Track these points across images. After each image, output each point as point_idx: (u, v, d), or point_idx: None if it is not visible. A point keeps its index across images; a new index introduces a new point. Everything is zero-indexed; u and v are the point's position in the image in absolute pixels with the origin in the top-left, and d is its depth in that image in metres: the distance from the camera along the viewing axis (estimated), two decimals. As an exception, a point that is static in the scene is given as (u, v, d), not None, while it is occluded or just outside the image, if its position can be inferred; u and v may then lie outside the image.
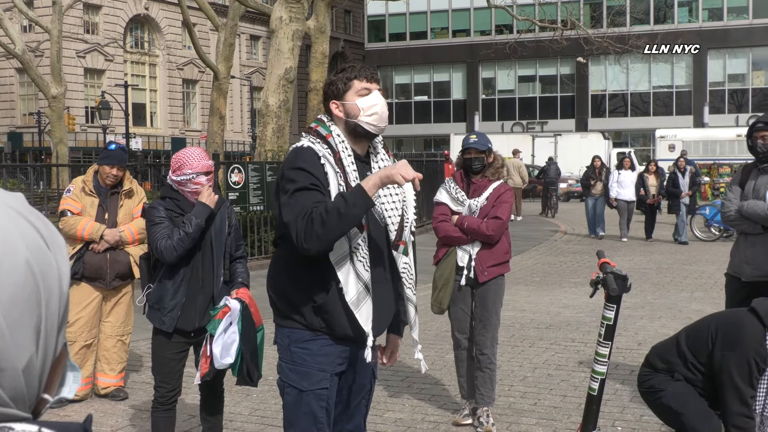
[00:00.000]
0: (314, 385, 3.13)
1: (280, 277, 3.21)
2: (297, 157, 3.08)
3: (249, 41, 54.29)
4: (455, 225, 5.34)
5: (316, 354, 3.11)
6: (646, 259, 14.38)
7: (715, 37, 45.68)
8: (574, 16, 31.85)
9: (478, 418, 5.42)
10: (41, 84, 25.16)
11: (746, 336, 3.63)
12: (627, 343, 7.76)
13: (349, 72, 3.17)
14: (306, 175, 3.00)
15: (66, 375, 0.98)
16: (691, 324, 4.15)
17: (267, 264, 13.63)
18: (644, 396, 4.28)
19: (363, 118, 3.12)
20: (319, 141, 3.11)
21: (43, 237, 0.92)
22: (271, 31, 16.52)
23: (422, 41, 52.08)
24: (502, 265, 5.40)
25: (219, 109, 20.84)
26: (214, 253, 4.50)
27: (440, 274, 5.41)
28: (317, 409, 3.14)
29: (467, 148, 5.37)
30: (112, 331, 6.22)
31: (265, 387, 6.50)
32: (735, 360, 3.64)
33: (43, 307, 0.90)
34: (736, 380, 3.62)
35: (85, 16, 44.21)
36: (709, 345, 3.82)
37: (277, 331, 3.24)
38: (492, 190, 5.36)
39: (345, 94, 3.14)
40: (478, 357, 5.45)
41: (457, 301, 5.43)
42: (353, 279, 3.04)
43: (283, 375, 3.21)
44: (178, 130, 49.45)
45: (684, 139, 37.97)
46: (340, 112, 3.15)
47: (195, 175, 4.43)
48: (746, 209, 5.37)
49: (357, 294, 3.03)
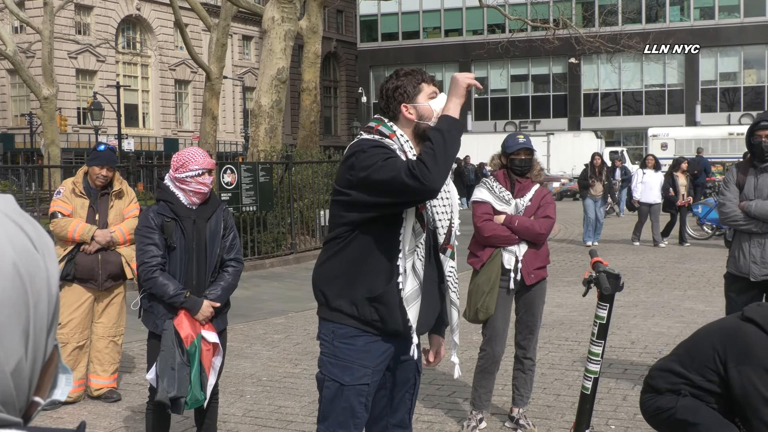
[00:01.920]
0: (356, 380, 3.16)
1: (335, 269, 3.20)
2: (371, 143, 3.10)
3: (241, 41, 54.20)
4: (503, 224, 5.18)
5: (360, 350, 3.16)
6: (639, 258, 14.41)
7: (707, 35, 45.80)
8: (566, 16, 31.88)
9: (516, 421, 5.39)
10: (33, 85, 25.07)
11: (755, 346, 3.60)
12: (620, 341, 7.77)
13: (416, 75, 3.20)
14: (387, 150, 3.05)
15: (58, 377, 0.98)
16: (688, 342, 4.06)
17: (260, 264, 13.57)
18: (652, 420, 4.09)
19: (436, 120, 3.13)
20: (384, 139, 3.14)
21: (31, 239, 0.91)
22: (264, 31, 16.50)
23: (415, 41, 52.10)
24: (544, 268, 5.34)
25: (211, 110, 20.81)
26: (207, 255, 4.49)
27: (486, 277, 5.18)
28: (356, 404, 3.18)
29: (518, 149, 5.24)
30: (104, 332, 6.20)
31: (258, 388, 6.50)
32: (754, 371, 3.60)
33: (32, 310, 0.89)
34: (763, 392, 3.57)
35: (76, 16, 44.09)
36: (718, 364, 3.75)
37: (322, 326, 3.27)
38: (535, 191, 5.29)
39: (416, 97, 3.17)
40: (522, 360, 5.41)
41: (499, 309, 5.23)
42: (411, 275, 3.11)
43: (324, 369, 3.23)
44: (170, 131, 49.34)
45: (676, 138, 38.11)
46: (411, 114, 3.16)
47: (201, 171, 4.41)
48: (756, 210, 5.36)
49: (412, 290, 3.11)
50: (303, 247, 15.07)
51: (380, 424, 3.40)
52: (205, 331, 4.41)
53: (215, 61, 20.91)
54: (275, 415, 5.82)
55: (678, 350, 4.07)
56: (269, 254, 14.26)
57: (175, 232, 4.38)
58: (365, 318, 3.13)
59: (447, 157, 2.91)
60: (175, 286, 4.31)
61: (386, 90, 3.22)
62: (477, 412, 5.39)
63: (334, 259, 3.20)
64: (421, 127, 3.15)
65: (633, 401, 5.86)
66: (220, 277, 4.55)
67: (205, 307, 4.38)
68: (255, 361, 7.36)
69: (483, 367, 5.37)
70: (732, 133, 35.69)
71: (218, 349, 4.51)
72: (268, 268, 13.73)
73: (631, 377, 6.54)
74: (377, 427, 3.42)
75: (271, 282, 12.36)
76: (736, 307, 5.48)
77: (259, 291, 11.47)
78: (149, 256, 4.33)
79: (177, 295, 4.29)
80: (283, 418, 5.74)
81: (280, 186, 14.74)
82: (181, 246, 4.40)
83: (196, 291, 4.43)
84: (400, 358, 3.29)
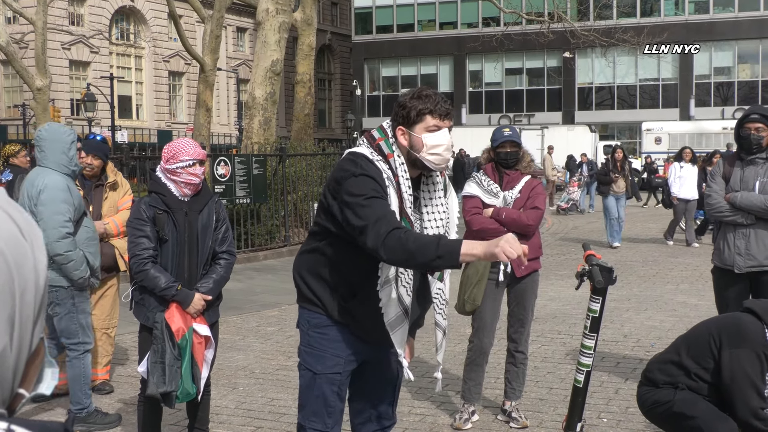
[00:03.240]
0: (328, 369, 3.20)
1: (316, 261, 3.22)
2: (365, 166, 3.04)
3: (235, 33, 54.05)
4: (491, 217, 5.21)
5: (333, 339, 3.19)
6: (632, 252, 14.43)
7: (702, 30, 45.83)
8: (561, 9, 31.84)
9: (508, 414, 5.40)
10: (26, 76, 24.96)
11: (750, 332, 3.62)
12: (613, 335, 7.79)
13: (425, 103, 3.10)
14: (375, 185, 2.99)
15: (44, 371, 0.96)
16: (687, 334, 4.09)
17: (253, 257, 13.51)
18: (650, 413, 4.11)
19: (425, 155, 3.09)
20: (381, 158, 3.09)
21: (20, 227, 0.90)
22: (258, 23, 16.44)
23: (409, 33, 51.99)
24: (537, 259, 5.34)
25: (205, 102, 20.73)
26: (199, 247, 4.47)
27: (475, 270, 5.20)
28: (329, 393, 3.22)
29: (503, 141, 5.28)
30: (97, 324, 6.18)
31: (251, 381, 6.49)
32: (745, 356, 3.62)
33: (17, 298, 0.88)
34: (751, 375, 3.59)
35: (70, 7, 43.89)
36: (713, 350, 3.78)
37: (300, 314, 3.32)
38: (524, 183, 5.30)
39: (414, 126, 3.10)
40: (514, 354, 5.43)
41: (488, 301, 5.26)
42: (394, 303, 3.09)
43: (300, 358, 3.30)
44: (164, 123, 49.21)
45: (670, 132, 38.16)
46: (405, 140, 3.12)
47: (192, 162, 4.38)
48: (741, 201, 5.38)
49: (395, 317, 3.11)
50: (296, 239, 15.05)
51: (363, 415, 3.42)
52: (197, 324, 4.39)
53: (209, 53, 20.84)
54: (268, 407, 5.82)
55: (676, 341, 4.11)
56: (263, 247, 14.25)
57: (167, 225, 4.35)
58: (334, 317, 3.19)
59: (409, 260, 2.84)
60: (166, 278, 4.29)
61: (397, 103, 3.19)
62: (468, 405, 5.40)
63: (316, 253, 3.23)
64: (412, 156, 3.11)
65: (625, 394, 5.88)
66: (212, 270, 4.54)
67: (197, 300, 4.37)
68: (248, 354, 7.36)
69: (471, 359, 5.39)
70: (726, 128, 35.66)
71: (210, 342, 4.51)
72: (261, 261, 13.72)
73: (623, 371, 6.55)
74: (360, 418, 3.44)
75: (264, 274, 12.35)
76: (725, 301, 5.50)
77: (252, 283, 11.45)
78: (141, 249, 4.31)
79: (168, 287, 4.28)
80: (275, 410, 5.73)
81: (274, 178, 14.72)
82: (173, 238, 4.38)
83: (187, 283, 4.41)
84: (379, 352, 3.31)
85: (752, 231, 5.38)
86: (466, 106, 50.32)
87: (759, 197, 5.34)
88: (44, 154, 5.12)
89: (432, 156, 3.10)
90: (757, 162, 5.45)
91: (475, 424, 5.38)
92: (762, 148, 5.42)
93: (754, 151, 5.43)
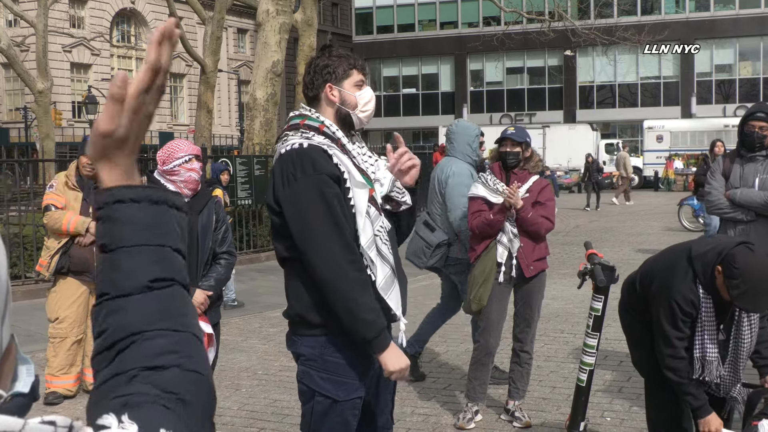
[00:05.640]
0: (350, 394, 3.03)
1: (303, 289, 3.07)
2: (304, 160, 2.89)
3: (236, 34, 54.07)
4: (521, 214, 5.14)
5: (353, 363, 3.01)
6: (634, 250, 14.42)
7: (702, 27, 45.78)
8: (562, 8, 31.83)
9: (512, 413, 5.40)
10: (27, 79, 24.98)
11: (675, 280, 3.66)
12: (615, 333, 7.76)
13: (348, 59, 3.06)
14: (326, 181, 2.87)
15: (18, 369, 0.93)
16: (652, 258, 4.13)
17: (256, 258, 13.50)
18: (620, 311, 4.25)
19: (358, 112, 3.04)
20: (314, 134, 2.97)
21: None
22: (258, 24, 16.45)
23: (410, 33, 51.97)
24: (544, 259, 5.35)
25: (206, 103, 20.76)
26: (199, 248, 4.47)
27: (481, 269, 5.20)
28: (350, 418, 3.06)
29: (503, 139, 5.27)
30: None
31: (254, 382, 6.49)
32: (661, 303, 3.71)
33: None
34: (663, 323, 3.69)
35: (70, 10, 43.93)
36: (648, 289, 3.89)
37: (302, 341, 3.12)
38: (533, 182, 5.28)
39: (343, 82, 3.03)
40: (519, 353, 5.42)
41: (494, 300, 5.24)
42: (380, 262, 2.97)
43: (312, 383, 3.05)
44: (165, 125, 49.24)
45: (671, 130, 38.11)
46: (335, 96, 3.02)
47: (188, 157, 4.35)
48: (740, 198, 5.38)
49: (385, 277, 2.97)
50: (299, 240, 15.04)
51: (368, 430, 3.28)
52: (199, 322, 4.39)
53: (210, 55, 20.85)
54: (271, 408, 5.81)
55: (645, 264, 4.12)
56: (265, 248, 14.24)
57: (167, 225, 4.34)
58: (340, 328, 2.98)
59: (342, 304, 2.84)
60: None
61: (315, 66, 3.10)
62: (473, 404, 5.39)
63: (298, 281, 3.07)
64: (342, 112, 3.03)
65: (628, 393, 5.88)
66: (213, 269, 4.54)
67: (198, 294, 4.37)
68: (251, 355, 7.36)
69: (477, 358, 5.37)
70: (728, 125, 35.61)
71: (212, 340, 4.50)
72: (263, 262, 13.71)
73: (626, 369, 6.54)
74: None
75: (266, 275, 12.34)
76: None
77: (254, 284, 11.45)
78: None
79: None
80: (278, 411, 5.73)
81: (276, 179, 14.71)
82: (174, 239, 4.37)
83: None
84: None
85: (752, 227, 5.39)
86: (468, 106, 50.30)
87: (759, 194, 5.34)
88: (452, 145, 6.07)
89: (363, 114, 3.05)
90: (757, 159, 5.46)
91: (479, 424, 5.37)
92: (764, 146, 5.43)
93: (756, 149, 5.44)
